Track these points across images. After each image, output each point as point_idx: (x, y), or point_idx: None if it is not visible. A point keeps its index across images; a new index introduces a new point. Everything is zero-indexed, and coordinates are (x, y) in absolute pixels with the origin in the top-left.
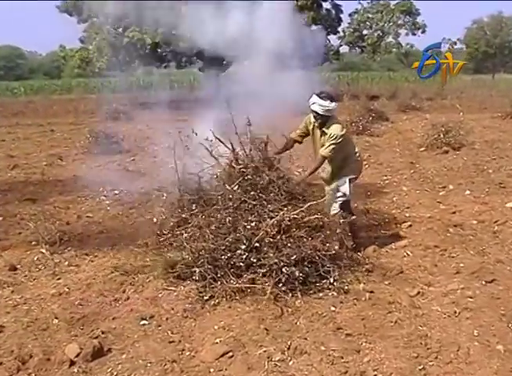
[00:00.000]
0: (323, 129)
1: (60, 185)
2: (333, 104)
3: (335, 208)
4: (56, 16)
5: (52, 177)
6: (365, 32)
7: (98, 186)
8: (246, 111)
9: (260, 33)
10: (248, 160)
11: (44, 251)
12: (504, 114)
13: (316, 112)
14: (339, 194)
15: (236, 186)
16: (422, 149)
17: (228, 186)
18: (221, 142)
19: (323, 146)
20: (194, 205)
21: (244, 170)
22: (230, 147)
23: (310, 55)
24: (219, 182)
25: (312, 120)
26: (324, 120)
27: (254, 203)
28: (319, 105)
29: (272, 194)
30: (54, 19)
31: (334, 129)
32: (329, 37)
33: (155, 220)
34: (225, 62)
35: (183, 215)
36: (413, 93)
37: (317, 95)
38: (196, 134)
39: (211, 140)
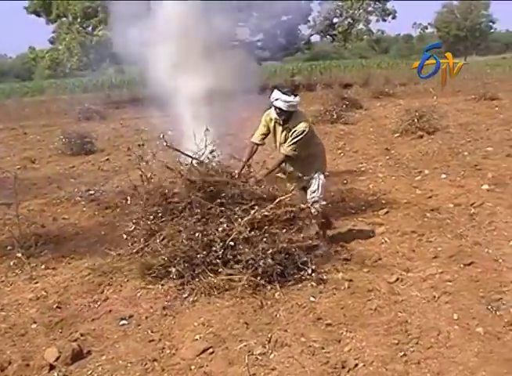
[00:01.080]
0: (287, 125)
1: (34, 188)
2: (297, 99)
3: (315, 209)
4: (25, 18)
5: (26, 180)
6: (335, 20)
7: (72, 187)
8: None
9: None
10: (206, 170)
11: (20, 255)
12: (477, 97)
13: (280, 108)
14: (314, 194)
15: (200, 194)
16: (396, 135)
17: (192, 195)
18: (179, 151)
19: (286, 141)
20: (160, 214)
21: (206, 181)
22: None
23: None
24: (181, 190)
25: (273, 116)
26: (288, 115)
27: (222, 208)
28: (282, 101)
29: (237, 202)
30: (22, 20)
31: (299, 126)
32: (299, 26)
33: (124, 236)
34: None
35: (152, 227)
36: (386, 79)
37: (279, 90)
38: (163, 137)
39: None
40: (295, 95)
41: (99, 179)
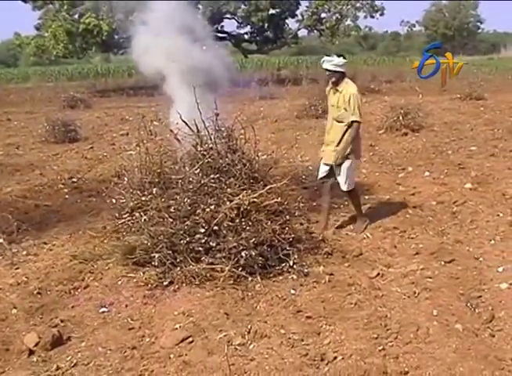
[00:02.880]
0: (337, 88)
1: (18, 174)
2: (340, 59)
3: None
4: (10, 3)
5: (9, 166)
6: (323, 15)
7: (56, 175)
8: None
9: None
10: (211, 142)
11: (1, 240)
12: (463, 96)
13: (327, 69)
14: (344, 186)
15: (198, 170)
16: (381, 131)
17: (188, 169)
18: (186, 124)
19: (338, 106)
20: (154, 188)
21: (205, 153)
22: (195, 129)
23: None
24: (181, 165)
25: (329, 85)
26: (337, 77)
27: (214, 185)
28: (327, 61)
29: (232, 178)
30: (8, 5)
31: (351, 90)
32: (287, 20)
33: (114, 201)
34: None
35: (143, 198)
36: (372, 76)
37: (326, 55)
38: (160, 119)
39: (177, 123)
40: (339, 56)
41: (83, 167)
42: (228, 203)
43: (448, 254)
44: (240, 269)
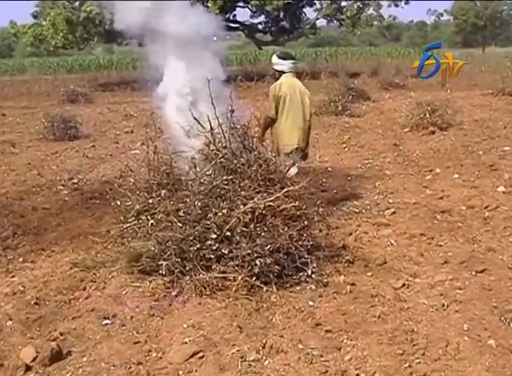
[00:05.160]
0: None
1: (13, 174)
2: (279, 60)
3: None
4: None
5: (4, 166)
6: (343, 4)
7: (54, 175)
8: None
9: None
10: (225, 141)
11: None
12: (495, 91)
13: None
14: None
15: (210, 170)
16: (406, 130)
17: (199, 169)
18: (198, 121)
19: None
20: (163, 190)
21: (218, 152)
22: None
23: None
24: (192, 166)
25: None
26: (278, 76)
27: (227, 187)
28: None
29: (247, 180)
30: None
31: (272, 86)
32: (305, 9)
33: (118, 204)
34: None
35: (150, 201)
36: (397, 70)
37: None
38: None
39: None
40: (284, 59)
41: (84, 167)
42: (242, 207)
43: (480, 263)
44: (254, 278)
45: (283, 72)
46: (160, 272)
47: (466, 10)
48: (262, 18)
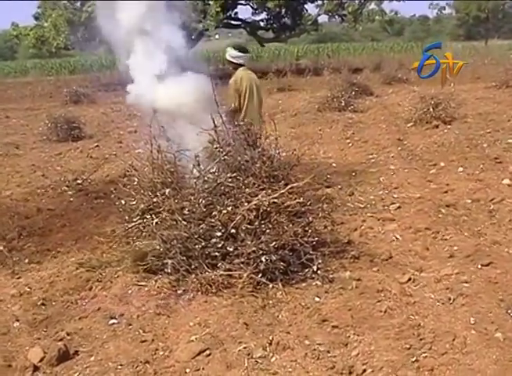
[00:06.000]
0: None
1: (18, 176)
2: (234, 52)
3: None
4: None
5: (9, 168)
6: None
7: (59, 176)
8: None
9: None
10: (229, 138)
11: (1, 248)
12: (499, 84)
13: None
14: None
15: (214, 168)
16: (410, 124)
17: (202, 167)
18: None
19: None
20: (167, 189)
21: (222, 149)
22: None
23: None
24: (196, 164)
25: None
26: (232, 67)
27: (232, 185)
28: (227, 52)
29: (251, 177)
30: None
31: (232, 79)
32: (306, 5)
33: (123, 203)
34: None
35: (154, 200)
36: (399, 64)
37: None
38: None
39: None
40: (243, 52)
41: (88, 167)
42: (246, 204)
43: (486, 256)
44: (260, 275)
45: (241, 65)
46: (166, 270)
47: (469, 3)
48: (264, 15)
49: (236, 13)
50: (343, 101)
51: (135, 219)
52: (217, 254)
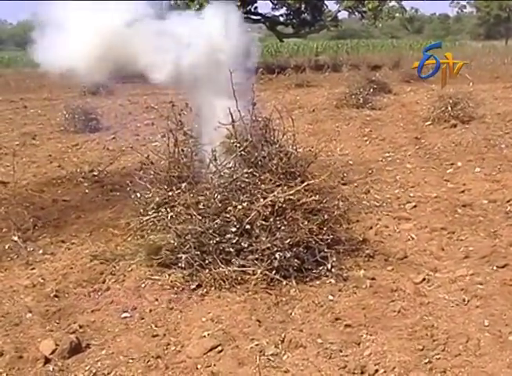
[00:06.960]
0: None
1: (34, 166)
2: None
3: None
4: None
5: (25, 157)
6: None
7: (75, 167)
8: None
9: None
10: (247, 133)
11: (16, 238)
12: None
13: None
14: None
15: (231, 163)
16: (428, 123)
17: (219, 162)
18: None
19: None
20: (183, 183)
21: (239, 144)
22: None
23: None
24: (212, 158)
25: None
26: None
27: (247, 181)
28: None
29: (267, 173)
30: None
31: None
32: (326, 1)
33: (138, 196)
34: None
35: (169, 193)
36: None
37: None
38: (191, 109)
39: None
40: None
41: (104, 159)
42: (262, 200)
43: (502, 258)
44: (274, 272)
45: None
46: (180, 265)
47: (490, 2)
48: (283, 10)
49: (255, 8)
50: (361, 98)
51: (149, 213)
52: (231, 249)
